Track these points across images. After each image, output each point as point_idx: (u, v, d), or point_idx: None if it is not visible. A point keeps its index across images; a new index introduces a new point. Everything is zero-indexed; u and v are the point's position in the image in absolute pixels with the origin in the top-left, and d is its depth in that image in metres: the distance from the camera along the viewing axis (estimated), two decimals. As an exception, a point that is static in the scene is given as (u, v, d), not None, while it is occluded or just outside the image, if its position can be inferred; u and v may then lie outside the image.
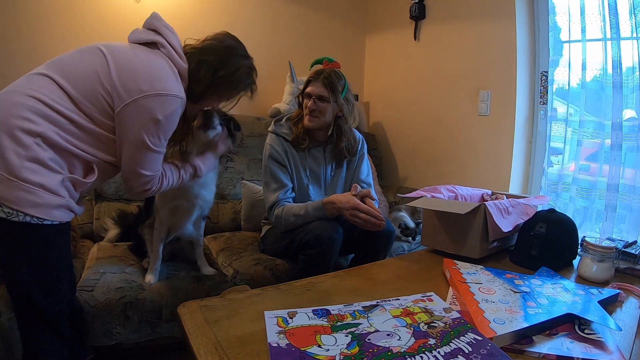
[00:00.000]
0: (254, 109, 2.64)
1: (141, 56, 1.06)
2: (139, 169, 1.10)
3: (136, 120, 1.03)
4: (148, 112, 1.03)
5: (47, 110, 0.97)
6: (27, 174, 0.94)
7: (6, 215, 0.94)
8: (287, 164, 1.64)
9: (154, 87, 1.02)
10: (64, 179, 1.01)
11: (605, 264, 1.16)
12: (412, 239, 2.08)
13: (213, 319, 0.88)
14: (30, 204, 0.95)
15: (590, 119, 1.99)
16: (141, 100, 1.01)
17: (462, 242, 1.31)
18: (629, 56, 1.80)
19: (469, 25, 2.34)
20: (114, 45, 1.07)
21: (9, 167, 0.93)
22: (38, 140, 0.95)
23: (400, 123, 2.84)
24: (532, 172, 2.26)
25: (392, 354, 0.74)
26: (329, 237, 1.45)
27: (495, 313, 0.89)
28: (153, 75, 1.04)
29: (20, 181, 0.93)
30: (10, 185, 0.93)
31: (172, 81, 1.07)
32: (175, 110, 1.07)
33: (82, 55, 1.06)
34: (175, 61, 1.09)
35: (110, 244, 1.79)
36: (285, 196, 1.61)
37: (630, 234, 1.85)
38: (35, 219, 0.96)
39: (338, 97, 1.61)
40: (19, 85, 1.00)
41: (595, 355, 0.78)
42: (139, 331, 1.38)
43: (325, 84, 1.60)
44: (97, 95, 1.02)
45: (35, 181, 0.95)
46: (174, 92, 1.06)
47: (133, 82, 1.02)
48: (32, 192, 0.95)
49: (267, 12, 2.65)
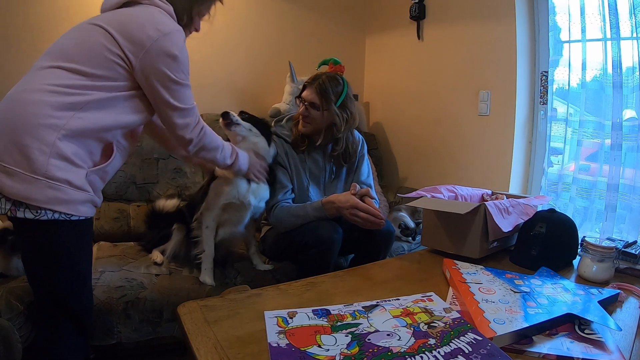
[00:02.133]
0: (254, 109, 2.63)
1: (134, 13, 1.09)
2: (174, 101, 1.13)
3: (157, 63, 1.07)
4: (164, 52, 1.06)
5: (64, 99, 0.98)
6: (54, 171, 0.95)
7: (34, 215, 0.95)
8: (287, 165, 1.63)
9: (159, 29, 1.06)
10: (88, 173, 1.03)
11: (605, 264, 1.16)
12: (412, 239, 2.08)
13: (213, 319, 0.88)
14: (58, 201, 0.96)
15: (590, 119, 1.99)
16: (154, 45, 1.05)
17: (462, 242, 1.31)
18: (629, 56, 1.80)
19: (469, 25, 2.34)
20: (104, 17, 1.09)
21: (34, 166, 0.93)
22: (61, 135, 0.96)
23: (400, 123, 2.84)
24: (532, 172, 2.26)
25: (392, 354, 0.74)
26: (328, 237, 1.45)
27: (495, 313, 0.89)
28: (153, 21, 1.07)
29: (47, 179, 0.94)
30: (36, 184, 0.94)
31: (169, 20, 1.12)
32: (183, 43, 1.12)
33: (79, 35, 1.07)
34: (160, 6, 1.12)
35: (110, 243, 1.79)
36: (285, 197, 1.61)
37: (630, 234, 1.85)
38: (64, 215, 0.98)
39: (331, 105, 1.57)
40: (30, 82, 1.00)
41: (595, 355, 0.78)
42: (140, 330, 1.38)
43: (317, 91, 1.57)
44: (110, 62, 1.04)
45: (62, 177, 0.96)
46: (176, 28, 1.11)
47: (140, 33, 1.04)
48: (60, 189, 0.96)
49: (267, 12, 2.65)
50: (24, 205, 0.94)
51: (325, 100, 1.57)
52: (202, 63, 2.46)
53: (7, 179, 0.93)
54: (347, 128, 1.64)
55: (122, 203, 1.97)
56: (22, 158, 0.93)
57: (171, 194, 1.98)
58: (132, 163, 2.01)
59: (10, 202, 0.95)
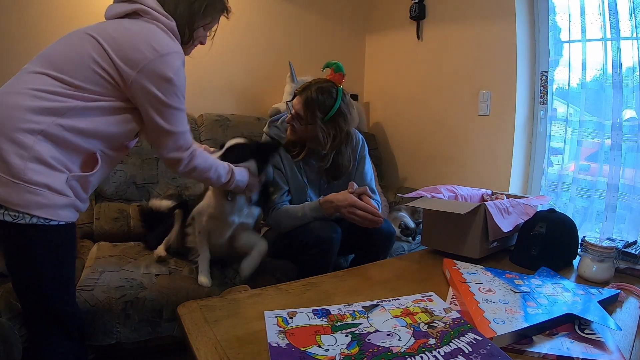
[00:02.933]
0: (254, 109, 2.64)
1: (132, 28, 1.06)
2: (165, 125, 1.08)
3: (150, 86, 1.04)
4: (158, 75, 1.03)
5: (45, 104, 0.96)
6: (32, 175, 0.94)
7: (12, 218, 0.94)
8: (282, 167, 1.61)
9: (155, 50, 1.03)
10: (68, 178, 1.01)
11: (605, 264, 1.16)
12: (412, 239, 2.08)
13: (213, 319, 0.88)
14: (36, 205, 0.94)
15: (590, 119, 1.99)
16: (148, 66, 1.02)
17: (462, 242, 1.31)
18: (629, 56, 1.80)
19: (469, 25, 2.34)
20: (100, 27, 1.06)
21: (12, 170, 0.92)
22: (39, 139, 0.95)
23: (400, 123, 2.84)
24: (532, 172, 2.26)
25: (392, 354, 0.74)
26: (327, 238, 1.45)
27: (495, 313, 0.89)
28: (150, 41, 1.04)
29: (25, 183, 0.93)
30: (15, 187, 0.92)
31: (168, 40, 1.08)
32: (181, 66, 1.09)
33: (70, 44, 1.04)
34: (162, 22, 1.09)
35: (110, 243, 1.79)
36: (282, 200, 1.60)
37: (630, 234, 1.85)
38: (42, 220, 0.96)
39: (316, 120, 1.49)
40: (14, 85, 0.99)
41: (595, 355, 0.78)
42: (140, 330, 1.38)
43: (304, 103, 1.50)
44: (98, 76, 1.01)
45: (40, 182, 0.95)
46: (174, 49, 1.07)
47: (134, 53, 1.02)
48: (38, 193, 0.94)
49: (268, 12, 2.65)
50: (3, 208, 0.93)
51: (310, 113, 1.49)
52: (202, 63, 2.45)
53: None
54: (334, 146, 1.54)
55: (122, 203, 1.97)
56: (1, 162, 0.92)
57: (171, 194, 1.98)
58: (132, 163, 2.01)
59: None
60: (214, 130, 2.26)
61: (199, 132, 2.25)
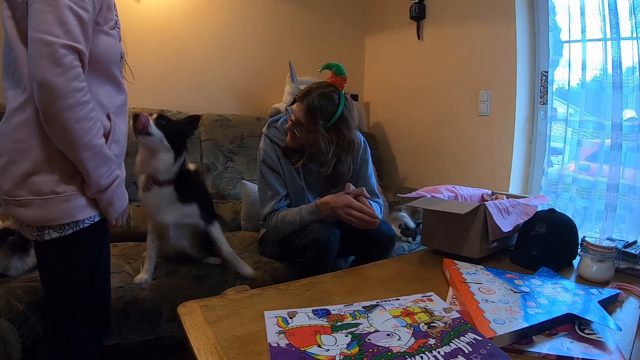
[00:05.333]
0: (254, 109, 2.65)
1: None
2: (45, 35, 0.81)
3: None
4: None
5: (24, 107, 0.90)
6: (62, 188, 0.93)
7: (60, 233, 0.95)
8: (280, 170, 1.58)
9: None
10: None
11: (605, 264, 1.16)
12: (412, 239, 2.08)
13: (213, 319, 0.88)
14: (79, 209, 0.95)
15: (590, 119, 1.99)
16: None
17: (462, 242, 1.31)
18: (629, 56, 1.80)
19: (469, 25, 2.34)
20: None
21: (42, 190, 0.91)
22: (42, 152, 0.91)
23: (400, 123, 2.84)
24: (532, 172, 2.26)
25: (392, 354, 0.74)
26: (325, 240, 1.44)
27: (495, 313, 0.89)
28: None
29: (60, 195, 0.93)
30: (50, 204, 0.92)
31: None
32: None
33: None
34: None
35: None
36: (280, 205, 1.57)
37: (630, 234, 1.85)
38: (88, 221, 0.98)
39: (317, 127, 1.45)
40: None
41: (595, 355, 0.78)
42: (139, 330, 1.38)
43: (305, 110, 1.45)
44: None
45: (72, 187, 0.95)
46: None
47: None
48: (74, 198, 0.95)
49: (268, 12, 2.65)
50: (47, 228, 0.94)
51: (311, 120, 1.45)
52: (202, 62, 2.46)
53: (26, 210, 0.92)
54: (337, 153, 1.51)
55: (122, 203, 1.97)
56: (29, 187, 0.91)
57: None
58: (132, 163, 2.00)
59: (35, 229, 0.94)
60: (214, 130, 2.26)
61: (199, 132, 2.25)
